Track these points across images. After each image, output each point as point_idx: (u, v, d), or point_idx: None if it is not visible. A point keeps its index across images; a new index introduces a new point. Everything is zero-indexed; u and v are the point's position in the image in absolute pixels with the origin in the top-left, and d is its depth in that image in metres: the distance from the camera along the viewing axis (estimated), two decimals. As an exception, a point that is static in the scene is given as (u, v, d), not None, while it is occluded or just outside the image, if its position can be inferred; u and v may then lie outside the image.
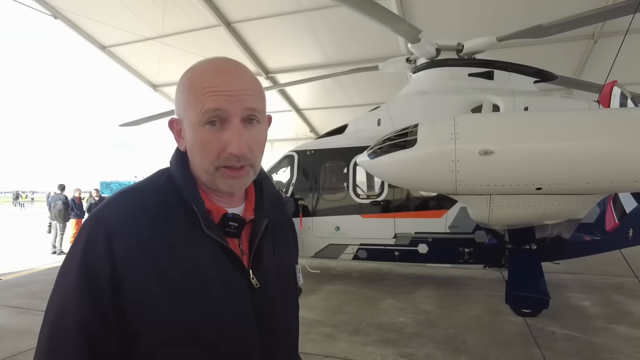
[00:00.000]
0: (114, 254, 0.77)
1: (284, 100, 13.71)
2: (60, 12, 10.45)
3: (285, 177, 7.78)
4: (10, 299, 6.10)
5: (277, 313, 0.91)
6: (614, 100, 4.70)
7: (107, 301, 0.76)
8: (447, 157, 3.92)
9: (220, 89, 0.81)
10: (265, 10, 9.72)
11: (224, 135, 0.81)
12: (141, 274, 0.77)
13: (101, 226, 0.79)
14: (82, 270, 0.77)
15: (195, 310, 0.79)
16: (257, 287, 0.87)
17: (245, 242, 0.90)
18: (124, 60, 12.57)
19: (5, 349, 4.09)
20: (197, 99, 0.81)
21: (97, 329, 0.76)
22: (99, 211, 0.83)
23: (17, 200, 40.45)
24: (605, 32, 8.89)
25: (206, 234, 0.83)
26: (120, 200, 0.86)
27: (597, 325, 4.95)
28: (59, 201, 10.90)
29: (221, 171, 0.83)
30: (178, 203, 0.85)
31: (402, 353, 4.19)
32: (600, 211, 5.60)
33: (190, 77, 0.85)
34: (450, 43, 6.43)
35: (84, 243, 0.79)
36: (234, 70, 0.85)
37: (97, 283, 0.76)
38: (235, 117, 0.81)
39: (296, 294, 1.01)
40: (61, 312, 0.77)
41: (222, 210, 0.88)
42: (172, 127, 0.90)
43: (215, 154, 0.82)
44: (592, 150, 3.66)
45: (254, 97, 0.85)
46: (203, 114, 0.80)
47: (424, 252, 6.56)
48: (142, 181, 0.92)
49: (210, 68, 0.84)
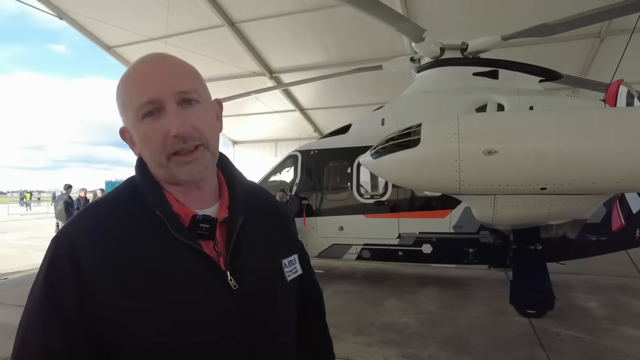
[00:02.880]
0: (80, 269, 0.75)
1: (287, 100, 13.71)
2: (65, 13, 10.50)
3: (289, 177, 7.78)
4: (16, 298, 6.14)
5: (262, 313, 0.87)
6: (620, 100, 4.66)
7: (74, 317, 0.74)
8: (451, 157, 3.90)
9: (149, 79, 0.80)
10: (269, 10, 9.72)
11: (163, 122, 0.79)
12: (109, 286, 0.75)
13: (65, 243, 0.78)
14: (47, 292, 0.76)
15: (171, 320, 0.76)
16: (236, 289, 0.83)
17: (221, 242, 0.87)
18: (129, 61, 12.59)
19: (9, 347, 4.12)
20: (130, 96, 0.81)
21: (63, 351, 0.74)
22: (63, 230, 0.82)
23: (22, 200, 40.75)
24: (612, 30, 8.79)
25: (176, 239, 0.80)
26: (85, 215, 0.85)
27: (603, 326, 4.90)
28: (60, 201, 10.93)
29: (174, 160, 0.81)
30: (144, 211, 0.82)
31: (405, 354, 4.18)
32: (607, 211, 5.55)
33: (122, 79, 0.84)
34: (455, 42, 6.40)
35: (49, 261, 0.78)
36: (159, 60, 0.84)
37: (62, 302, 0.74)
38: (169, 101, 0.80)
39: (287, 290, 0.95)
40: (26, 337, 0.77)
41: (190, 212, 0.84)
42: (124, 137, 0.89)
43: (161, 142, 0.80)
44: (598, 150, 3.63)
45: (184, 79, 0.83)
46: (138, 108, 0.80)
47: (428, 252, 6.54)
48: (109, 193, 0.91)
49: (137, 65, 0.84)
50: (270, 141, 16.19)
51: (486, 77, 6.20)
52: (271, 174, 7.98)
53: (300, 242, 1.13)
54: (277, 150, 15.85)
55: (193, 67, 0.88)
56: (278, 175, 7.99)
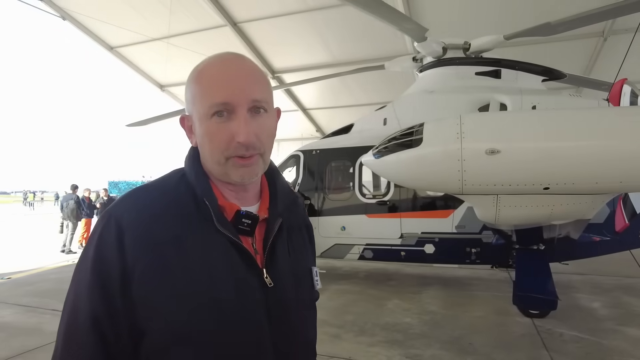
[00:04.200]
0: (124, 249, 0.78)
1: (290, 99, 13.72)
2: (68, 14, 10.55)
3: (291, 176, 7.79)
4: (20, 298, 6.17)
5: (291, 314, 0.89)
6: (623, 99, 4.64)
7: (118, 297, 0.77)
8: (453, 157, 3.89)
9: (226, 81, 0.83)
10: (271, 10, 9.73)
11: (231, 126, 0.82)
12: (149, 270, 0.78)
13: (113, 223, 0.80)
14: (95, 266, 0.79)
15: (204, 309, 0.79)
16: (271, 287, 0.86)
17: (258, 241, 0.90)
18: (132, 61, 12.65)
19: (14, 347, 4.12)
20: (203, 92, 0.84)
21: (109, 324, 0.77)
22: (111, 208, 0.84)
23: (26, 200, 40.94)
24: (616, 29, 8.76)
25: (218, 231, 0.83)
26: (132, 197, 0.88)
27: (607, 327, 4.88)
28: (71, 201, 11.06)
29: (232, 161, 0.84)
30: (190, 200, 0.86)
31: (408, 354, 4.17)
32: (610, 211, 5.53)
33: (197, 73, 0.87)
34: (457, 41, 6.38)
35: (97, 240, 0.81)
36: (239, 63, 0.87)
37: (109, 279, 0.77)
38: (241, 107, 0.83)
39: (313, 297, 0.99)
40: (75, 309, 0.79)
41: (235, 207, 0.88)
42: (183, 124, 0.92)
43: (225, 144, 0.83)
44: (601, 150, 3.61)
45: (259, 88, 0.86)
46: (210, 106, 0.82)
47: (431, 252, 6.52)
48: (156, 180, 0.94)
49: (215, 62, 0.86)
50: (272, 141, 16.20)
51: (489, 77, 6.19)
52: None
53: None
54: (279, 150, 15.86)
55: (266, 75, 0.91)
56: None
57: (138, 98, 17.24)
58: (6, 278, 7.60)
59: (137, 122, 9.04)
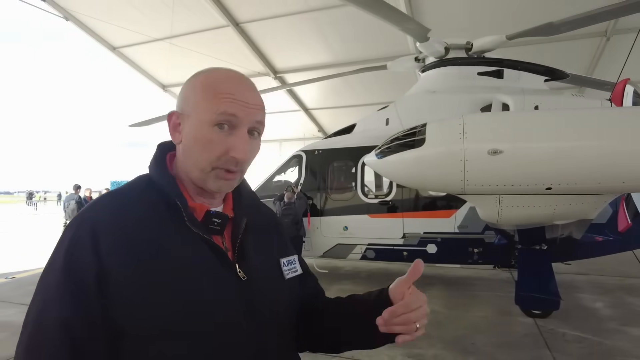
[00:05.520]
0: (99, 251, 0.78)
1: (292, 100, 13.73)
2: (71, 14, 10.57)
3: (293, 177, 7.80)
4: (24, 297, 6.20)
5: (266, 306, 0.92)
6: (626, 99, 4.64)
7: (92, 298, 0.77)
8: (456, 157, 3.90)
9: (239, 97, 0.86)
10: (273, 10, 9.74)
11: (229, 140, 0.85)
12: (127, 269, 0.78)
13: (86, 225, 0.81)
14: (67, 268, 0.78)
15: (184, 305, 0.80)
16: (245, 280, 0.89)
17: (227, 239, 0.94)
18: (134, 61, 12.68)
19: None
20: (213, 100, 0.85)
21: (80, 326, 0.76)
22: (83, 213, 0.85)
23: (30, 200, 41.07)
24: (618, 29, 8.73)
25: (190, 230, 0.86)
26: (104, 202, 0.89)
27: (610, 327, 4.87)
28: (72, 201, 11.07)
29: (216, 172, 0.87)
30: (161, 202, 0.87)
31: (410, 353, 4.17)
32: (613, 211, 5.51)
33: (210, 79, 0.88)
34: (459, 42, 6.38)
35: (69, 241, 0.80)
36: (251, 85, 0.91)
37: (82, 280, 0.77)
38: (244, 126, 0.87)
39: (286, 286, 1.00)
40: (43, 310, 0.78)
41: (205, 208, 0.91)
42: (170, 119, 0.92)
43: (217, 155, 0.86)
44: (604, 150, 3.61)
45: (262, 113, 0.91)
46: (218, 114, 0.84)
47: (433, 252, 6.53)
48: (123, 185, 0.96)
49: (232, 77, 0.89)
50: (274, 141, 16.20)
51: (491, 77, 6.18)
52: (275, 174, 8.01)
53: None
54: (282, 150, 15.87)
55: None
56: (282, 175, 8.01)
57: (140, 98, 17.29)
58: (10, 277, 7.65)
59: (140, 122, 9.07)
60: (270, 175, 8.04)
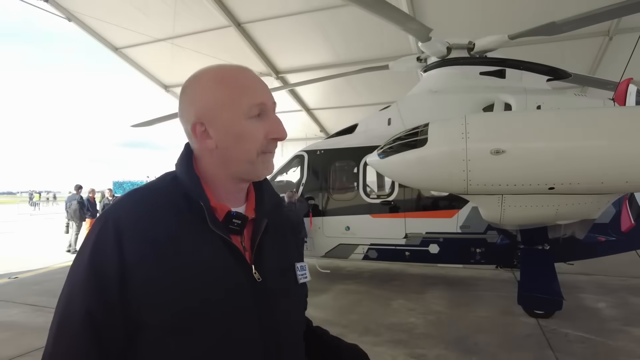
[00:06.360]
0: (123, 247, 0.82)
1: (294, 100, 13.74)
2: (73, 15, 10.61)
3: (295, 177, 7.80)
4: (27, 297, 6.23)
5: (279, 306, 0.94)
6: (629, 98, 4.62)
7: (114, 292, 0.81)
8: (458, 157, 3.90)
9: (257, 84, 0.93)
10: (275, 11, 9.75)
11: (265, 125, 0.92)
12: (149, 265, 0.82)
13: (110, 223, 0.84)
14: (92, 264, 0.82)
15: (201, 302, 0.83)
16: (259, 281, 0.91)
17: (247, 239, 0.96)
18: (136, 62, 12.71)
19: (21, 345, 4.15)
20: (240, 94, 0.90)
21: (103, 318, 0.81)
22: (108, 210, 0.89)
23: (32, 200, 41.21)
24: (621, 28, 8.71)
25: (211, 230, 0.88)
26: (129, 198, 0.92)
27: (613, 327, 4.86)
28: (74, 201, 11.10)
29: (262, 157, 0.93)
30: (184, 202, 0.90)
31: (412, 353, 4.18)
32: (616, 211, 5.50)
33: (220, 79, 0.91)
34: (461, 41, 6.37)
35: (95, 238, 0.84)
36: (252, 72, 0.97)
37: (105, 275, 0.81)
38: (272, 108, 0.95)
39: (299, 291, 1.04)
40: (69, 303, 0.83)
41: (225, 208, 0.93)
42: (194, 131, 0.92)
43: (261, 141, 0.92)
44: (607, 149, 3.60)
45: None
46: (252, 107, 0.90)
47: (435, 252, 6.52)
48: (149, 182, 0.99)
49: (234, 69, 0.94)
50: (275, 141, 16.23)
51: (493, 77, 6.18)
52: (277, 174, 8.01)
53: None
54: (283, 150, 15.88)
55: None
56: (284, 175, 8.02)
57: (143, 99, 17.32)
58: (13, 277, 7.67)
59: (142, 122, 9.10)
60: (272, 176, 8.04)
